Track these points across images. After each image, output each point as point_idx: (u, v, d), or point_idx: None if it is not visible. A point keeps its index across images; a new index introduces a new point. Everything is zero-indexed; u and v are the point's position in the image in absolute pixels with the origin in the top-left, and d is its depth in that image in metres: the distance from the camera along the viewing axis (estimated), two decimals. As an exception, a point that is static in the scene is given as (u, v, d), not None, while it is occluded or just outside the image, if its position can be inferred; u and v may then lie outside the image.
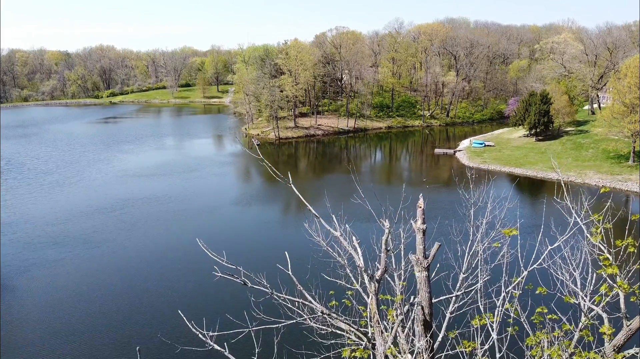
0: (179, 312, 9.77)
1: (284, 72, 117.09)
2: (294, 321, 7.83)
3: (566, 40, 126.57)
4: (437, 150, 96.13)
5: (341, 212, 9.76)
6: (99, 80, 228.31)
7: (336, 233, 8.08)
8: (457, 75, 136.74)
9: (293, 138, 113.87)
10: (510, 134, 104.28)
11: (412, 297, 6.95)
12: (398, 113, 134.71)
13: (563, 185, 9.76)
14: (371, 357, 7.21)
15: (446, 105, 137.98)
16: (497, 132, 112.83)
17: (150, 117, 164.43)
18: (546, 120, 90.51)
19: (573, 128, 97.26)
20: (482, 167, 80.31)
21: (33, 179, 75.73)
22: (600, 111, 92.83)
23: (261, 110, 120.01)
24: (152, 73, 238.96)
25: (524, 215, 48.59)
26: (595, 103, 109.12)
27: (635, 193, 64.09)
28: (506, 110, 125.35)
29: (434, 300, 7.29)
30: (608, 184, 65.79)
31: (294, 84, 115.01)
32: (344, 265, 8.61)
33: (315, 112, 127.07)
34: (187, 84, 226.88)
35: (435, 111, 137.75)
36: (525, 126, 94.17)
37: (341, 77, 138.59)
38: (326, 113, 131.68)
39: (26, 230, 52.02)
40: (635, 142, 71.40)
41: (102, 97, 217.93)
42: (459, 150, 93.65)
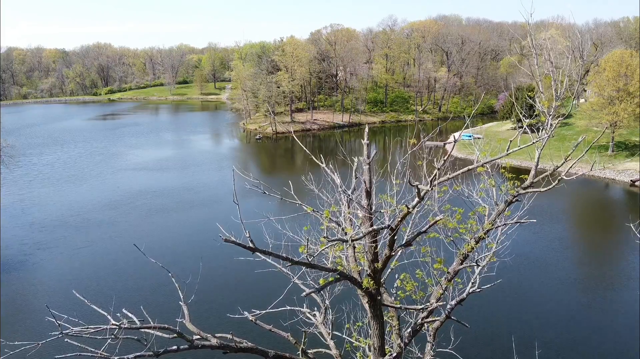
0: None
1: (280, 69, 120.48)
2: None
3: (553, 37, 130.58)
4: (428, 143, 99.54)
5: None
6: (97, 78, 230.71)
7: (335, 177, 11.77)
8: (448, 71, 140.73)
9: (290, 132, 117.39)
10: (498, 127, 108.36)
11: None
12: (392, 108, 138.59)
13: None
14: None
15: (438, 100, 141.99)
16: (486, 125, 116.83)
17: (148, 114, 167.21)
18: (532, 113, 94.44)
19: (558, 122, 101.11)
20: (470, 157, 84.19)
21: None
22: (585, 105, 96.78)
23: (258, 105, 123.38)
24: (149, 71, 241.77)
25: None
26: (582, 98, 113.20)
27: (612, 180, 68.45)
28: (496, 104, 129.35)
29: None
30: (587, 173, 69.85)
31: (290, 80, 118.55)
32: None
33: (311, 107, 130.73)
34: (185, 81, 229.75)
35: (428, 106, 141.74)
36: (513, 119, 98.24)
37: (336, 73, 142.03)
38: (322, 108, 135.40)
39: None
40: (613, 133, 75.50)
41: (100, 94, 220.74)
42: (449, 142, 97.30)
